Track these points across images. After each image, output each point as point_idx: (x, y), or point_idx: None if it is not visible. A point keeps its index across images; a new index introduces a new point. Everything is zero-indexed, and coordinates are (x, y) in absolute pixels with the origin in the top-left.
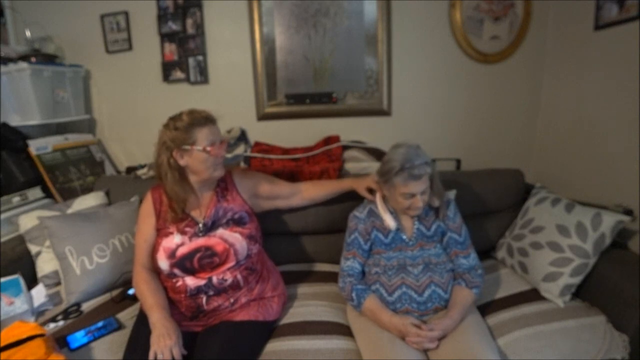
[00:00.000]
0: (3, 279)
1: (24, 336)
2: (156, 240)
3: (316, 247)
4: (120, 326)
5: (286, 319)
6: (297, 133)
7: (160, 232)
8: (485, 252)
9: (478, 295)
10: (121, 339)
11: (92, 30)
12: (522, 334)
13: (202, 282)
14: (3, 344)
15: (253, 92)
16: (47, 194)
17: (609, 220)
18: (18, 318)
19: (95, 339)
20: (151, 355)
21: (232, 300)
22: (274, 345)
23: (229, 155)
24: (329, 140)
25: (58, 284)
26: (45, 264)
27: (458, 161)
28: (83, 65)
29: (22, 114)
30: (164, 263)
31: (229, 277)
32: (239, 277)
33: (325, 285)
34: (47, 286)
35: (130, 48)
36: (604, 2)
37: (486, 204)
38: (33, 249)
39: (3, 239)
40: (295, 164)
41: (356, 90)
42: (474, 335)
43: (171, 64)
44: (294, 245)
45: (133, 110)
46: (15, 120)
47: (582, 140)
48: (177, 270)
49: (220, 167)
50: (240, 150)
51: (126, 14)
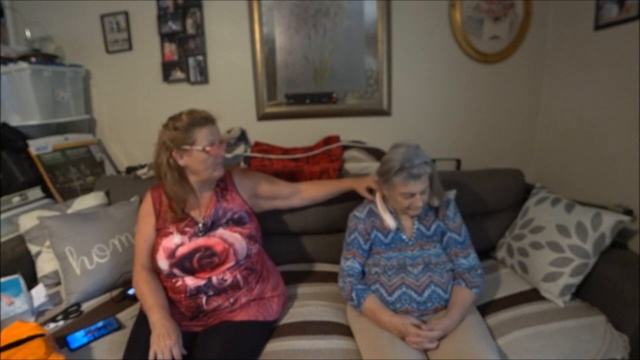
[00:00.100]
0: (3, 279)
1: (24, 336)
2: (156, 240)
3: (316, 247)
4: (120, 326)
5: (286, 319)
6: (297, 133)
7: (160, 232)
8: (485, 252)
9: (478, 295)
10: (121, 339)
11: (92, 30)
12: (522, 334)
13: (201, 282)
14: (3, 344)
15: (253, 92)
16: (47, 194)
17: (609, 220)
18: (18, 318)
19: (95, 339)
20: (151, 355)
21: (232, 300)
22: (274, 345)
23: (229, 155)
24: (329, 140)
25: (58, 284)
26: (45, 264)
27: (458, 161)
28: (83, 65)
29: (22, 114)
30: (163, 263)
31: (228, 277)
32: (239, 277)
33: (325, 285)
34: (47, 286)
35: (130, 48)
36: (604, 2)
37: (486, 204)
38: (33, 249)
39: (3, 239)
40: (295, 164)
41: (356, 90)
42: (474, 335)
43: (171, 64)
44: (294, 245)
45: (133, 110)
46: (15, 120)
47: (582, 140)
48: (176, 270)
49: (219, 167)
50: (240, 150)
51: (126, 14)
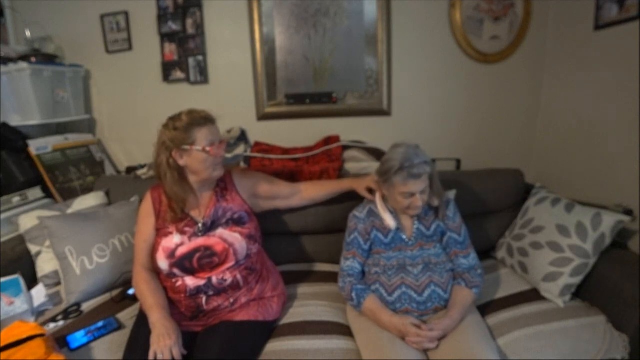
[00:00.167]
0: (3, 279)
1: (24, 336)
2: (156, 240)
3: (316, 247)
4: (120, 326)
5: (286, 319)
6: (297, 133)
7: (160, 232)
8: (485, 252)
9: (478, 295)
10: (121, 339)
11: (92, 30)
12: (522, 334)
13: (201, 282)
14: (3, 344)
15: (253, 92)
16: (47, 194)
17: (609, 220)
18: (18, 318)
19: (95, 339)
20: (151, 355)
21: (232, 300)
22: (274, 345)
23: (229, 155)
24: (329, 140)
25: (58, 284)
26: (45, 264)
27: (458, 161)
28: (83, 65)
29: (22, 114)
30: (163, 263)
31: (228, 277)
32: (239, 277)
33: (325, 285)
34: (47, 286)
35: (130, 48)
36: (604, 2)
37: (486, 204)
38: (33, 249)
39: (3, 239)
40: (295, 164)
41: (356, 90)
42: (474, 335)
43: (171, 64)
44: (294, 245)
45: (133, 110)
46: (15, 120)
47: (582, 140)
48: (176, 270)
49: (219, 167)
50: (240, 150)
51: (126, 14)
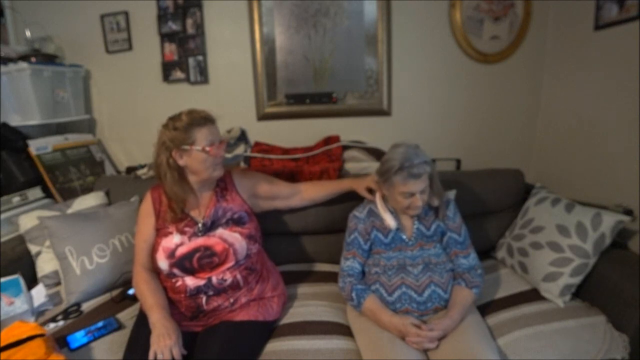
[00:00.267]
0: (3, 279)
1: (24, 336)
2: (155, 240)
3: (316, 247)
4: (120, 326)
5: (286, 319)
6: (297, 133)
7: (160, 232)
8: (485, 252)
9: (478, 295)
10: (121, 339)
11: (92, 30)
12: (522, 334)
13: (201, 282)
14: (3, 344)
15: (253, 92)
16: (47, 194)
17: (609, 220)
18: (18, 318)
19: (95, 339)
20: (151, 355)
21: (232, 300)
22: (274, 345)
23: (229, 155)
24: (329, 140)
25: (58, 284)
26: (45, 264)
27: (458, 161)
28: (83, 65)
29: (22, 114)
30: (163, 263)
31: (228, 277)
32: (239, 277)
33: (325, 285)
34: (47, 286)
35: (130, 48)
36: (604, 2)
37: (486, 204)
38: (33, 249)
39: (3, 239)
40: (295, 164)
41: (356, 90)
42: (474, 335)
43: (171, 64)
44: (294, 245)
45: (133, 110)
46: (15, 120)
47: (582, 140)
48: (176, 270)
49: (219, 167)
50: (240, 150)
51: (126, 14)
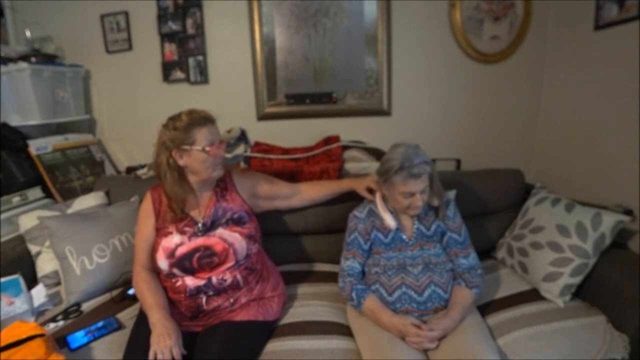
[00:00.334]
0: (3, 279)
1: (24, 336)
2: (155, 240)
3: (316, 247)
4: (120, 326)
5: (286, 319)
6: (297, 133)
7: (160, 231)
8: (485, 252)
9: (478, 295)
10: (121, 339)
11: (92, 30)
12: (522, 334)
13: (201, 282)
14: (3, 344)
15: (253, 92)
16: (47, 194)
17: (609, 220)
18: (18, 318)
19: (95, 339)
20: (151, 355)
21: (232, 300)
22: (274, 345)
23: (229, 155)
24: (329, 140)
25: (58, 284)
26: (45, 264)
27: (458, 161)
28: (83, 65)
29: (22, 114)
30: (163, 263)
31: (228, 277)
32: (239, 277)
33: (325, 285)
34: (47, 286)
35: (130, 48)
36: (604, 2)
37: (486, 204)
38: (33, 249)
39: (3, 239)
40: (295, 164)
41: (356, 90)
42: (474, 335)
43: (171, 64)
44: (294, 245)
45: (133, 110)
46: (15, 120)
47: (582, 140)
48: (176, 270)
49: (219, 167)
50: (240, 150)
51: (126, 14)
